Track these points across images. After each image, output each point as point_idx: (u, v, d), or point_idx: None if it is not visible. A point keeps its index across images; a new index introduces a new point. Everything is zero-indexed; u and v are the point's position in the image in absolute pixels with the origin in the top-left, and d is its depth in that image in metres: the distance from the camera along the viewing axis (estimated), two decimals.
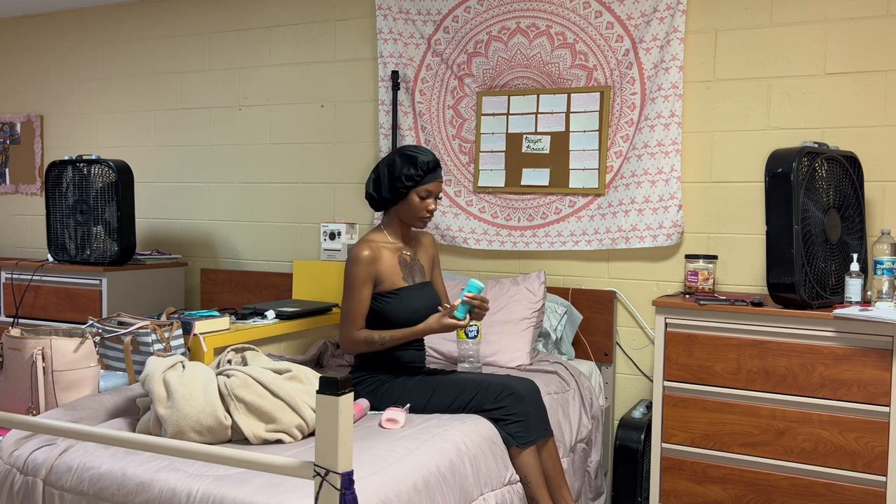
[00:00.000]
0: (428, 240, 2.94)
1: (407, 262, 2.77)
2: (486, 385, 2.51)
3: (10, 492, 2.05)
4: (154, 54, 4.74)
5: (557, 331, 3.48)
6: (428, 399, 2.54)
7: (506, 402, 2.46)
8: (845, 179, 2.96)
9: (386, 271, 2.68)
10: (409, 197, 2.69)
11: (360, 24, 4.13)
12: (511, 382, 2.52)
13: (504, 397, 2.47)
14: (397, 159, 2.68)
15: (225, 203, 4.56)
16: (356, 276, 2.63)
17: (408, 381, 2.61)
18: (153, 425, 2.18)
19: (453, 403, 2.51)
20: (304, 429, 2.20)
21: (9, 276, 4.29)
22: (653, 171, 3.44)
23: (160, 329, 2.63)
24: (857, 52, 3.16)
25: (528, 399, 2.49)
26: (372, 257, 2.65)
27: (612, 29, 3.53)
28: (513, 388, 2.49)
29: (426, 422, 2.41)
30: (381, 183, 2.70)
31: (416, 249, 2.86)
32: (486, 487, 2.26)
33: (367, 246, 2.66)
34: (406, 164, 2.66)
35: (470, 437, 2.31)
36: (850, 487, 2.71)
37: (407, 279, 2.73)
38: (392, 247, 2.74)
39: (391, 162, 2.69)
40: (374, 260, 2.66)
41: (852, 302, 2.79)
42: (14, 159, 5.24)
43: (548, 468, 2.52)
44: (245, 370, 2.23)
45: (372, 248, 2.67)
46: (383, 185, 2.70)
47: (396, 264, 2.72)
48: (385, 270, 2.68)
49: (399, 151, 2.70)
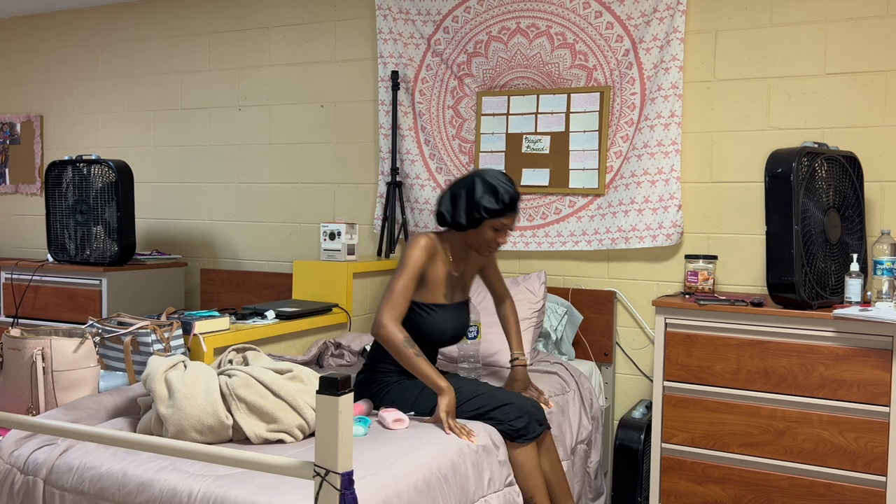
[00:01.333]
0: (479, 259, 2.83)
1: (453, 280, 2.67)
2: (492, 396, 2.49)
3: (11, 491, 2.05)
4: (154, 54, 4.74)
5: (558, 331, 3.48)
6: (434, 405, 2.50)
7: (507, 409, 2.45)
8: (845, 179, 2.96)
9: (432, 279, 2.60)
10: (483, 226, 2.56)
11: (360, 24, 4.13)
12: (517, 399, 2.50)
13: (505, 406, 2.45)
14: (478, 185, 2.53)
15: (225, 203, 4.56)
16: (413, 258, 2.53)
17: (416, 387, 2.55)
18: (154, 424, 2.18)
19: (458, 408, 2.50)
20: (305, 429, 2.20)
21: (9, 276, 4.29)
22: (653, 171, 3.44)
23: (160, 329, 2.63)
24: (857, 52, 3.16)
25: (529, 402, 2.49)
26: (431, 251, 2.57)
27: (612, 29, 3.53)
28: (518, 403, 2.47)
29: (428, 424, 2.41)
30: (458, 206, 2.57)
31: (467, 270, 2.76)
32: (489, 489, 2.26)
33: (430, 240, 2.58)
34: (487, 193, 2.52)
35: (474, 436, 2.31)
36: (850, 487, 2.71)
37: (447, 297, 2.64)
38: (446, 260, 2.65)
39: (471, 186, 2.55)
40: (431, 255, 2.57)
41: (852, 302, 2.79)
42: (14, 159, 5.24)
43: (546, 468, 2.52)
44: (246, 370, 2.23)
45: (433, 245, 2.58)
46: (459, 208, 2.57)
47: (443, 278, 2.62)
48: (432, 277, 2.60)
49: (481, 177, 2.55)
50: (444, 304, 2.62)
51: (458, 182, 2.60)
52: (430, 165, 3.91)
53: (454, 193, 2.59)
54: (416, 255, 2.53)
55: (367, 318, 3.67)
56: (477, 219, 2.54)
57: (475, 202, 2.53)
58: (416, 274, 2.54)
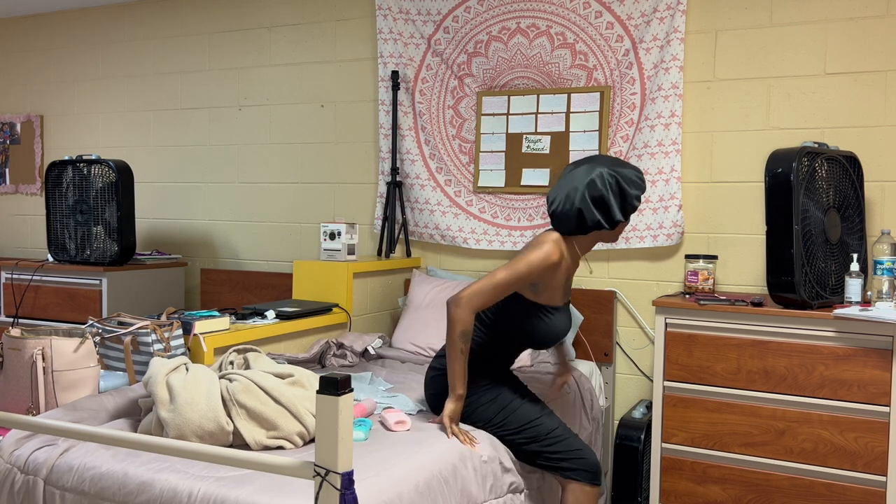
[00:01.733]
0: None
1: (569, 281, 2.56)
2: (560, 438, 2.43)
3: (11, 491, 2.05)
4: (154, 54, 4.74)
5: None
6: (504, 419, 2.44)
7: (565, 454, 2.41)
8: (845, 179, 2.96)
9: (553, 284, 2.45)
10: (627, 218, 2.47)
11: (360, 24, 4.13)
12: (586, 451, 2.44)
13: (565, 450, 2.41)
14: (621, 181, 2.41)
15: (225, 203, 4.56)
16: (534, 265, 2.36)
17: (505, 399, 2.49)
18: (155, 427, 2.18)
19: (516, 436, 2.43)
20: (304, 436, 2.20)
21: (9, 276, 4.29)
22: (653, 171, 3.44)
23: (160, 329, 2.63)
24: (857, 52, 3.16)
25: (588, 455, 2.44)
26: (556, 265, 2.40)
27: (612, 29, 3.53)
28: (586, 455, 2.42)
29: (430, 425, 2.41)
30: (611, 207, 2.41)
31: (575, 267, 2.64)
32: (490, 494, 2.26)
33: (560, 251, 2.41)
34: (634, 183, 2.42)
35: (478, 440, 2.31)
36: (850, 487, 2.71)
37: (562, 298, 2.52)
38: (572, 262, 2.50)
39: (612, 181, 2.41)
40: (554, 269, 2.41)
41: (852, 302, 2.79)
42: (14, 159, 5.23)
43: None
44: (247, 374, 2.23)
45: (560, 256, 2.42)
46: (614, 209, 2.41)
47: (564, 280, 2.49)
48: (553, 283, 2.44)
49: (611, 168, 2.42)
50: (559, 306, 2.50)
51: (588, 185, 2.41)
52: (430, 165, 3.91)
53: (592, 196, 2.40)
54: (538, 264, 2.37)
55: (367, 318, 3.67)
56: (632, 209, 2.45)
57: (626, 196, 2.42)
58: (526, 281, 2.38)
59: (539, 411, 2.48)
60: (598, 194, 2.40)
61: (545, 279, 2.42)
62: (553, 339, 2.50)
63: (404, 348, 3.48)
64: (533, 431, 2.42)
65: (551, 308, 2.46)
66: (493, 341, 2.51)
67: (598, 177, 2.40)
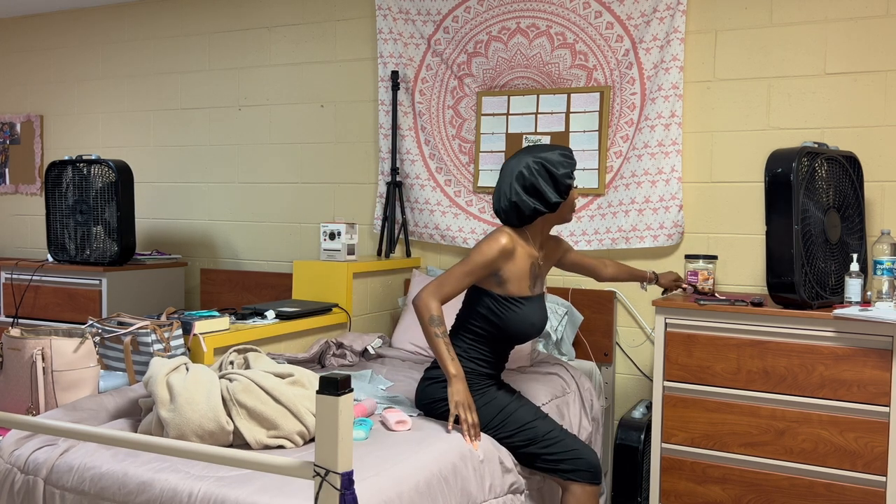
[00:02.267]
0: (556, 243, 2.75)
1: (536, 270, 2.58)
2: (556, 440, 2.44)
3: (11, 491, 2.05)
4: (154, 54, 4.74)
5: (558, 331, 3.48)
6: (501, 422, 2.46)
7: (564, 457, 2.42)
8: (845, 179, 2.96)
9: (516, 273, 2.49)
10: (571, 193, 2.54)
11: (360, 24, 4.13)
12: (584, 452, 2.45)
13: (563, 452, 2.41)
14: (543, 163, 2.47)
15: (225, 203, 4.56)
16: (484, 254, 2.43)
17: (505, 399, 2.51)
18: (155, 427, 2.18)
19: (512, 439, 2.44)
20: (305, 435, 2.20)
21: (9, 276, 4.29)
22: (653, 171, 3.44)
23: (160, 329, 2.63)
24: (857, 52, 3.16)
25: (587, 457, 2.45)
26: (508, 251, 2.46)
27: (612, 29, 3.53)
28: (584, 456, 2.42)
29: (430, 425, 2.41)
30: (543, 191, 2.47)
31: (546, 259, 2.69)
32: (490, 493, 2.26)
33: (510, 238, 2.47)
34: (556, 165, 2.47)
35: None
36: (850, 487, 2.71)
37: (532, 288, 2.55)
38: (530, 251, 2.55)
39: (538, 167, 2.47)
40: (508, 254, 2.46)
41: (852, 302, 2.79)
42: (14, 159, 5.23)
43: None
44: (247, 374, 2.23)
45: (512, 242, 2.47)
46: (547, 191, 2.47)
47: (528, 269, 2.52)
48: (515, 272, 2.49)
49: (533, 156, 2.49)
50: (529, 296, 2.54)
51: (517, 177, 2.49)
52: (430, 165, 3.91)
53: (523, 186, 2.48)
54: (485, 251, 2.44)
55: (367, 318, 3.67)
56: (566, 187, 2.50)
57: (556, 177, 2.48)
58: (481, 271, 2.45)
59: (534, 414, 2.48)
60: (528, 183, 2.49)
61: (505, 268, 2.48)
62: (528, 329, 2.53)
63: (404, 348, 3.49)
64: (530, 433, 2.43)
65: (521, 298, 2.51)
66: (478, 345, 2.55)
67: (524, 168, 2.50)
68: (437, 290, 2.44)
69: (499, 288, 2.50)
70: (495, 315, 2.50)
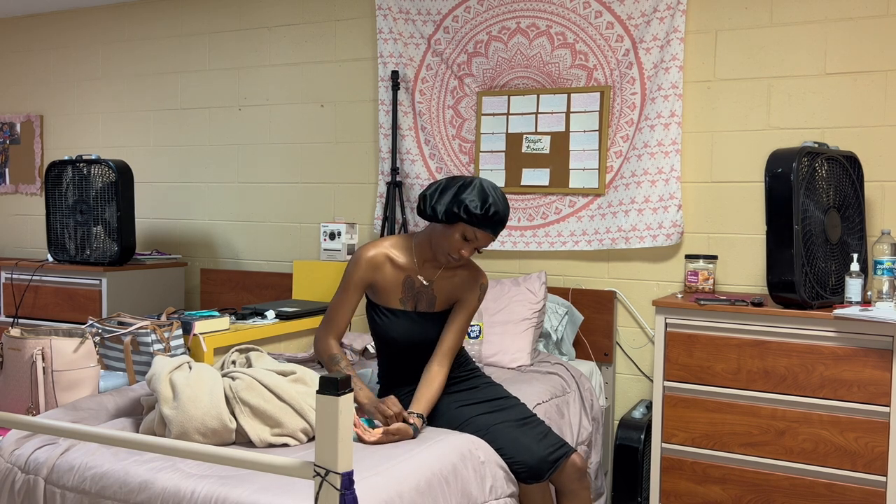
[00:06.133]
0: (471, 284, 2.53)
1: (414, 286, 2.49)
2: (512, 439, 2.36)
3: (12, 490, 2.05)
4: (154, 54, 4.74)
5: (558, 331, 3.48)
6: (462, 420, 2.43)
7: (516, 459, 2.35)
8: (845, 179, 2.96)
9: (384, 284, 2.48)
10: (455, 227, 2.37)
11: (360, 24, 4.13)
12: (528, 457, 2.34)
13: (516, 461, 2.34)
14: (472, 187, 2.36)
15: (225, 203, 4.56)
16: (350, 275, 2.47)
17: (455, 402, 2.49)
18: (157, 425, 2.18)
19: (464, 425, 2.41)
20: (308, 432, 2.20)
21: (9, 276, 4.29)
22: (653, 171, 3.44)
23: (160, 329, 2.63)
24: (857, 52, 3.16)
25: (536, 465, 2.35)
26: (374, 263, 2.46)
27: (612, 29, 3.53)
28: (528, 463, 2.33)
29: (429, 426, 2.40)
30: (443, 197, 2.38)
31: (441, 282, 2.51)
32: (490, 495, 2.26)
33: (375, 249, 2.48)
34: (477, 197, 2.34)
35: (474, 442, 2.31)
36: (850, 487, 2.71)
37: (405, 303, 2.49)
38: (404, 264, 2.49)
39: (464, 184, 2.38)
40: (374, 266, 2.46)
41: (852, 302, 2.79)
42: (14, 159, 5.23)
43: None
44: (250, 372, 2.23)
45: (378, 254, 2.47)
46: (443, 199, 2.37)
47: (398, 282, 2.48)
48: (383, 282, 2.48)
49: (480, 182, 2.39)
50: (398, 309, 2.49)
51: (455, 178, 2.43)
52: (430, 165, 3.92)
53: (446, 185, 2.41)
54: (352, 271, 2.48)
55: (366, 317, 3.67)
56: (454, 215, 2.35)
57: (460, 199, 2.34)
58: (352, 289, 2.47)
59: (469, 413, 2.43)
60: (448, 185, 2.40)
61: (377, 278, 2.49)
62: (386, 341, 2.52)
63: None
64: (479, 434, 2.37)
65: (386, 310, 2.51)
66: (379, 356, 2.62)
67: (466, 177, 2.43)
68: (326, 329, 2.50)
69: (373, 296, 2.54)
70: (370, 321, 2.57)
